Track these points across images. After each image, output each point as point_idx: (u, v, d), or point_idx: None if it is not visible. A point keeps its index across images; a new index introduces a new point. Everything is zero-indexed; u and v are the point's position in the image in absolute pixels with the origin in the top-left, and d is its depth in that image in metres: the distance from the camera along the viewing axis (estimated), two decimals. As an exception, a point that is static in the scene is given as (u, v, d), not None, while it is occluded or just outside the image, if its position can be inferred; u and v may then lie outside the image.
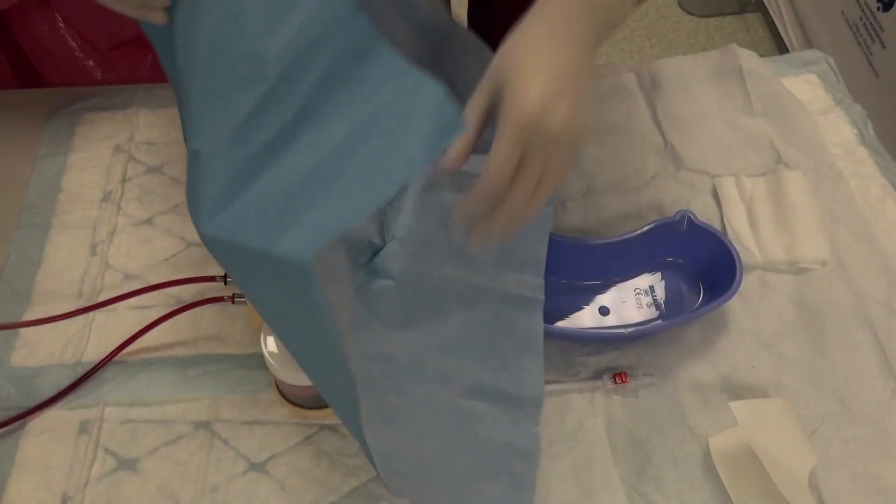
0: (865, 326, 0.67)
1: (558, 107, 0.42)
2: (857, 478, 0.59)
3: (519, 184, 0.43)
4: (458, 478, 0.55)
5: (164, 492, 0.58)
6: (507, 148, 0.42)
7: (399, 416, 0.54)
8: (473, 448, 0.56)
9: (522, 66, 0.43)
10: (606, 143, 0.81)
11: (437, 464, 0.55)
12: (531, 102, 0.42)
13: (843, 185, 0.77)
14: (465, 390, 0.57)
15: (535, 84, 0.42)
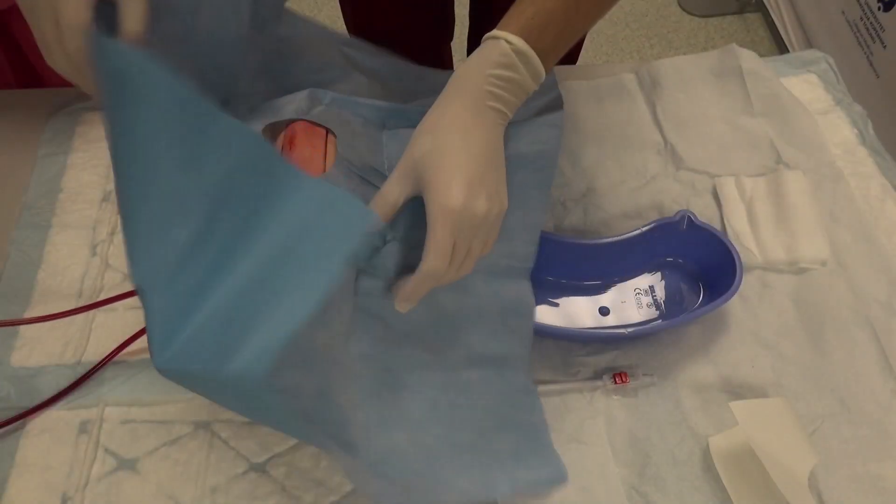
0: (865, 326, 0.67)
1: (477, 202, 0.49)
2: (857, 478, 0.59)
3: (453, 264, 0.50)
4: (467, 449, 0.56)
5: (164, 492, 0.58)
6: (442, 240, 0.48)
7: (393, 416, 0.55)
8: (473, 417, 0.58)
9: (441, 167, 0.49)
10: (606, 143, 0.81)
11: (442, 443, 0.56)
12: (455, 202, 0.48)
13: (843, 185, 0.77)
14: (457, 363, 0.59)
15: (456, 180, 0.49)
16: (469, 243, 0.50)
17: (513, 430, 0.58)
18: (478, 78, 0.52)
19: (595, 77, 0.87)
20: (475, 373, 0.59)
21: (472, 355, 0.59)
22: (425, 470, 0.54)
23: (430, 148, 0.50)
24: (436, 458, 0.55)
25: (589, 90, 0.86)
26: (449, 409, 0.57)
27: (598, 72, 0.88)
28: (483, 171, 0.50)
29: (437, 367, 0.58)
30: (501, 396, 0.59)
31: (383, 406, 0.55)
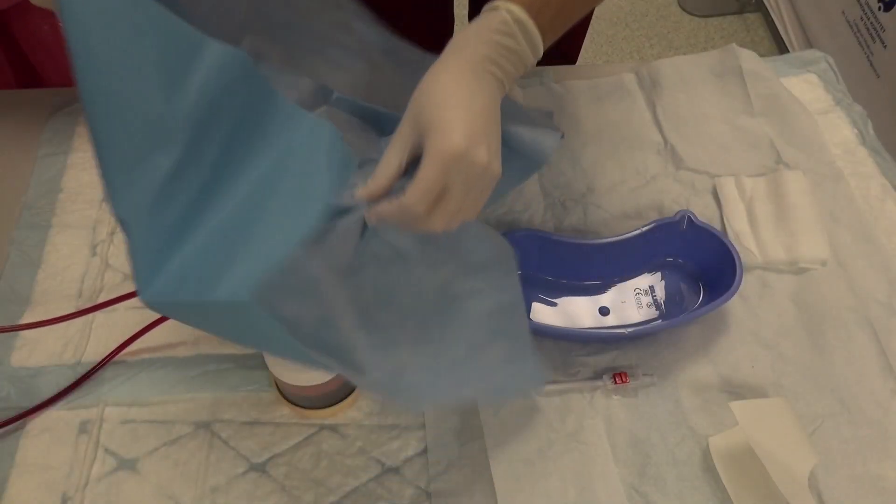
0: (865, 326, 0.67)
1: (479, 149, 0.47)
2: (857, 478, 0.59)
3: (440, 211, 0.48)
4: (462, 363, 0.56)
5: (164, 492, 0.58)
6: (432, 177, 0.47)
7: (393, 336, 0.55)
8: (466, 329, 0.57)
9: (445, 111, 0.48)
10: (606, 143, 0.81)
11: (439, 360, 0.56)
12: (457, 142, 0.46)
13: (843, 185, 0.77)
14: (448, 277, 0.58)
15: (458, 127, 0.47)
16: (464, 194, 0.48)
17: (501, 338, 0.58)
18: (477, 42, 0.51)
19: (595, 77, 0.87)
20: (467, 284, 0.58)
21: (463, 266, 0.58)
22: (427, 383, 0.54)
23: (431, 101, 0.49)
24: (436, 373, 0.55)
25: (589, 90, 0.86)
26: (440, 328, 0.57)
27: (598, 72, 0.88)
28: (485, 126, 0.49)
29: (429, 281, 0.58)
30: (492, 306, 0.58)
31: (381, 328, 0.55)
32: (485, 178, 0.49)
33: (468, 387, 0.55)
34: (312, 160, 0.43)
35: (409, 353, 0.55)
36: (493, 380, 0.56)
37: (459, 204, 0.49)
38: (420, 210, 0.47)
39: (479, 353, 0.57)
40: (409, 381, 0.53)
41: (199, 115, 0.42)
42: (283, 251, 0.41)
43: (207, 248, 0.42)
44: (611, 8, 2.12)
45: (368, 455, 0.60)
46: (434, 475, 0.59)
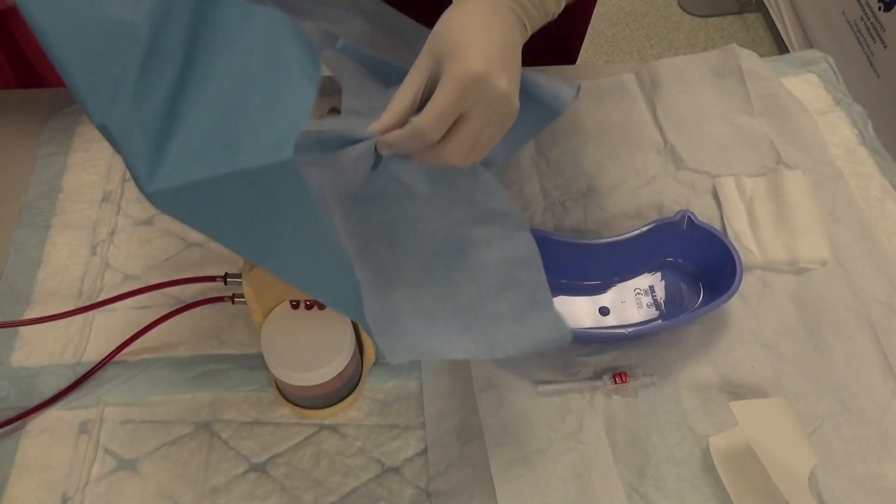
0: (865, 326, 0.67)
1: (500, 76, 0.45)
2: (857, 478, 0.59)
3: (456, 139, 0.46)
4: (467, 310, 0.54)
5: (164, 492, 0.58)
6: (449, 98, 0.44)
7: (390, 275, 0.54)
8: (474, 275, 0.56)
9: (464, 37, 0.46)
10: (606, 143, 0.81)
11: (440, 305, 0.54)
12: (477, 65, 0.44)
13: (843, 185, 0.77)
14: (459, 220, 0.56)
15: (479, 52, 0.45)
16: (483, 122, 0.46)
17: (514, 289, 0.56)
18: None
19: (595, 77, 0.87)
20: (477, 230, 0.57)
21: (474, 212, 0.57)
22: (425, 329, 0.53)
23: (451, 29, 0.47)
24: (434, 320, 0.53)
25: (589, 90, 0.86)
26: (447, 271, 0.55)
27: (598, 72, 0.88)
28: (504, 56, 0.47)
29: (437, 224, 0.56)
30: (503, 255, 0.57)
31: (379, 265, 0.53)
32: (504, 109, 0.47)
33: (470, 336, 0.53)
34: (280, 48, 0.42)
35: (405, 295, 0.53)
36: (503, 331, 0.54)
37: (477, 133, 0.47)
38: (433, 132, 0.45)
39: (486, 302, 0.55)
40: (404, 327, 0.51)
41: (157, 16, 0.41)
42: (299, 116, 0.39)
43: (209, 126, 0.41)
44: (611, 8, 2.12)
45: (368, 455, 0.60)
46: (434, 475, 0.59)
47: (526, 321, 0.55)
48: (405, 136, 0.46)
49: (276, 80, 0.41)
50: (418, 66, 0.48)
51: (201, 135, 0.40)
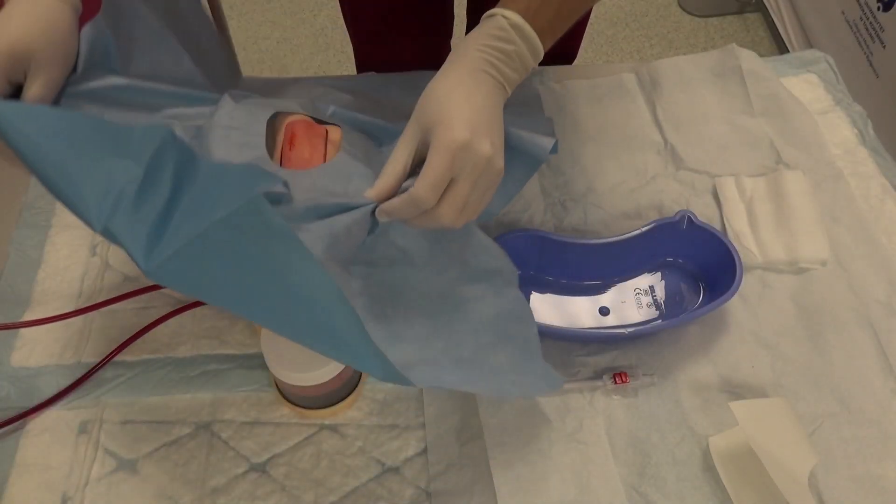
0: (865, 326, 0.67)
1: (482, 141, 0.49)
2: (857, 478, 0.59)
3: (448, 202, 0.50)
4: (470, 363, 0.57)
5: (164, 492, 0.58)
6: (440, 167, 0.48)
7: (400, 331, 0.57)
8: (473, 329, 0.59)
9: (449, 106, 0.50)
10: (606, 143, 0.81)
11: (446, 357, 0.57)
12: (460, 133, 0.49)
13: (843, 185, 0.77)
14: (454, 280, 0.61)
15: (462, 121, 0.49)
16: (471, 185, 0.50)
17: (508, 344, 0.59)
18: (474, 50, 0.53)
19: (595, 77, 0.87)
20: (471, 289, 0.61)
21: (468, 271, 0.61)
22: (434, 380, 0.55)
23: (434, 100, 0.51)
24: (442, 369, 0.56)
25: (589, 90, 0.86)
26: (448, 326, 0.59)
27: (598, 72, 0.88)
28: (488, 123, 0.51)
29: (435, 283, 0.60)
30: (496, 311, 0.61)
31: (388, 323, 0.57)
32: (490, 171, 0.51)
33: (474, 384, 0.56)
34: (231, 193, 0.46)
35: (415, 348, 0.56)
36: (506, 380, 0.57)
37: (466, 195, 0.50)
38: (429, 200, 0.49)
39: (486, 355, 0.58)
40: (415, 377, 0.53)
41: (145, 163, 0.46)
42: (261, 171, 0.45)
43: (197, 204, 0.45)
44: (611, 8, 2.12)
45: (368, 455, 0.60)
46: (434, 475, 0.59)
47: (522, 371, 0.58)
48: (402, 204, 0.50)
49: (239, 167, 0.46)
50: (406, 134, 0.52)
51: (189, 212, 0.44)
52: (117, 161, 0.45)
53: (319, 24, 2.06)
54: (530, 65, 0.55)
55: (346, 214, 0.53)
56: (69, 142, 0.44)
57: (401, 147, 0.52)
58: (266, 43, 2.02)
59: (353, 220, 0.53)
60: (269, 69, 1.96)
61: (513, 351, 0.59)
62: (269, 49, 2.01)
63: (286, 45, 2.02)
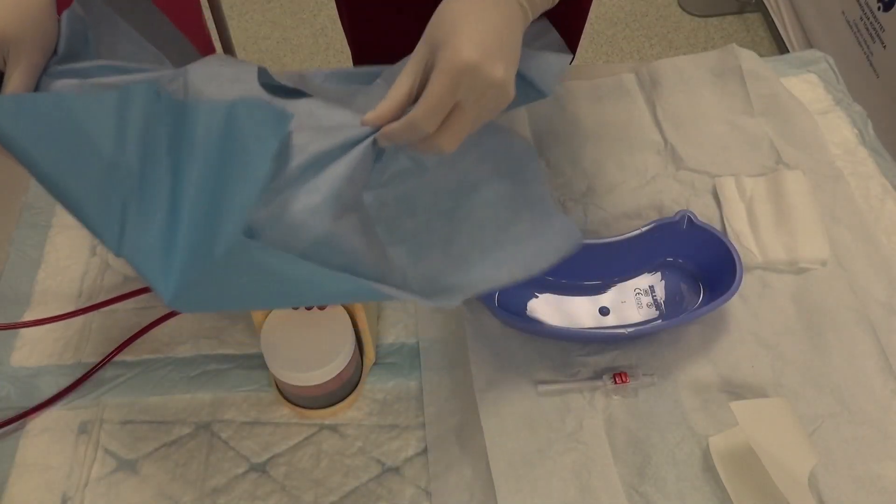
0: (865, 326, 0.67)
1: (495, 64, 0.45)
2: (857, 478, 0.59)
3: (449, 128, 0.46)
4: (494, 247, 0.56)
5: (164, 492, 0.58)
6: (441, 90, 0.44)
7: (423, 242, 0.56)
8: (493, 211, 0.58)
9: (458, 25, 0.45)
10: (606, 143, 0.81)
11: (471, 251, 0.56)
12: (469, 54, 0.44)
13: (843, 185, 0.77)
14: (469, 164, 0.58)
15: (472, 40, 0.44)
16: (476, 112, 0.46)
17: (525, 209, 0.58)
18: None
19: (595, 77, 0.87)
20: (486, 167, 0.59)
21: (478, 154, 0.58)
22: (466, 275, 0.55)
23: (445, 19, 0.47)
24: (472, 263, 0.55)
25: (589, 90, 0.86)
26: (468, 216, 0.58)
27: (598, 72, 0.88)
28: (502, 44, 0.46)
29: (451, 176, 0.58)
30: (511, 180, 0.59)
31: (411, 238, 0.56)
32: (498, 98, 0.47)
33: (503, 268, 0.55)
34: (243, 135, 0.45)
35: (440, 253, 0.55)
36: (527, 252, 0.56)
37: (470, 123, 0.47)
38: (427, 125, 0.45)
39: (506, 232, 0.57)
40: (446, 281, 0.53)
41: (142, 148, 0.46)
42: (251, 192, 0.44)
43: (195, 227, 0.45)
44: (611, 8, 2.12)
45: (368, 455, 0.60)
46: (434, 475, 0.59)
47: (543, 234, 0.57)
48: (401, 128, 0.46)
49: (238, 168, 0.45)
50: (415, 55, 0.48)
51: (191, 239, 0.45)
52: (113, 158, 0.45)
53: (319, 24, 2.06)
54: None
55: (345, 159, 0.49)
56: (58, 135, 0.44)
57: (407, 68, 0.48)
58: (266, 43, 2.02)
59: (354, 162, 0.49)
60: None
61: (530, 215, 0.58)
62: (269, 49, 2.01)
63: (286, 45, 2.02)
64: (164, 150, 0.47)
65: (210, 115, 0.46)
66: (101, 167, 0.45)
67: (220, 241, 0.43)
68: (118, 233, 0.46)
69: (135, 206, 0.46)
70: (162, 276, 0.45)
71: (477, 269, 0.55)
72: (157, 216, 0.46)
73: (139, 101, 0.46)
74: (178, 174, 0.47)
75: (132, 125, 0.46)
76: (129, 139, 0.46)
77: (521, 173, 0.60)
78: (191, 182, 0.46)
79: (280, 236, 0.47)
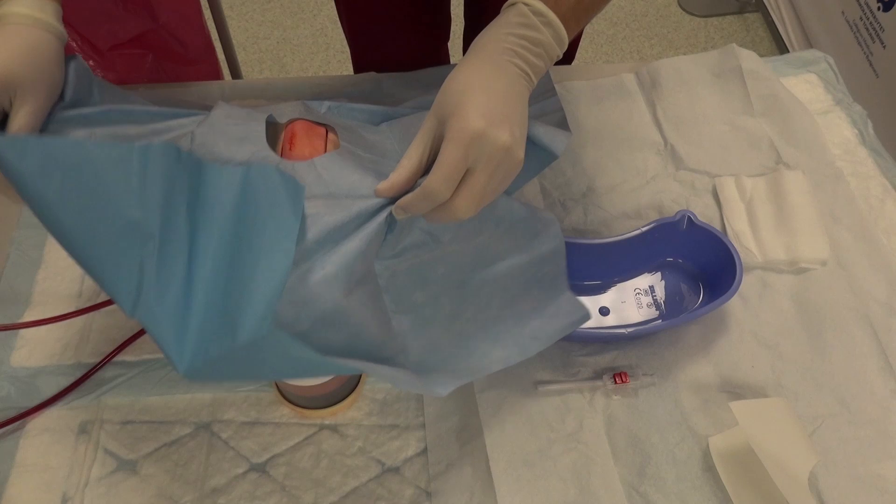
0: (865, 326, 0.67)
1: (500, 130, 0.47)
2: (857, 478, 0.59)
3: (464, 194, 0.48)
4: (496, 321, 0.57)
5: (163, 492, 0.58)
6: (453, 158, 0.47)
7: (427, 315, 0.56)
8: (503, 283, 0.58)
9: (467, 96, 0.48)
10: (606, 143, 0.81)
11: (474, 324, 0.57)
12: (476, 121, 0.46)
13: (843, 185, 0.77)
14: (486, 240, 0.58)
15: (479, 109, 0.47)
16: (488, 176, 0.48)
17: (535, 286, 0.58)
18: (497, 38, 0.51)
19: (595, 77, 0.87)
20: (504, 243, 0.59)
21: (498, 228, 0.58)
22: (463, 353, 0.55)
23: (452, 90, 0.49)
24: (470, 339, 0.56)
25: (589, 90, 0.86)
26: (477, 290, 0.58)
27: (598, 72, 0.88)
28: (505, 110, 0.48)
29: (466, 251, 0.58)
30: (529, 257, 0.59)
31: (417, 310, 0.56)
32: (508, 162, 0.48)
33: (501, 346, 0.55)
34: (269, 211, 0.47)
35: (442, 329, 0.56)
36: (528, 331, 0.56)
37: (483, 187, 0.48)
38: (442, 193, 0.47)
39: (513, 307, 0.58)
40: (442, 356, 0.53)
41: (161, 207, 0.46)
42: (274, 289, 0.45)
43: (214, 300, 0.46)
44: (611, 8, 2.12)
45: (368, 455, 0.60)
46: (434, 475, 0.59)
47: (546, 313, 0.57)
48: (417, 199, 0.48)
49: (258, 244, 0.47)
50: (425, 127, 0.50)
51: (209, 312, 0.46)
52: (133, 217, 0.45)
53: (319, 24, 2.06)
54: (555, 52, 0.53)
55: (360, 234, 0.51)
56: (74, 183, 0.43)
57: (417, 140, 0.50)
58: (266, 43, 2.02)
59: (369, 237, 0.51)
60: (269, 69, 1.96)
61: (539, 292, 0.58)
62: (269, 49, 2.01)
63: (286, 45, 2.02)
64: (184, 217, 0.47)
65: (227, 181, 0.47)
66: (121, 225, 0.44)
67: (245, 326, 0.44)
68: (134, 295, 0.45)
69: (152, 271, 0.45)
70: (177, 347, 0.45)
71: (475, 344, 0.55)
72: (175, 284, 0.46)
73: (160, 161, 0.46)
74: (196, 242, 0.47)
75: (153, 185, 0.45)
76: (150, 199, 0.45)
77: (539, 249, 0.59)
78: (208, 253, 0.47)
79: (292, 309, 0.47)
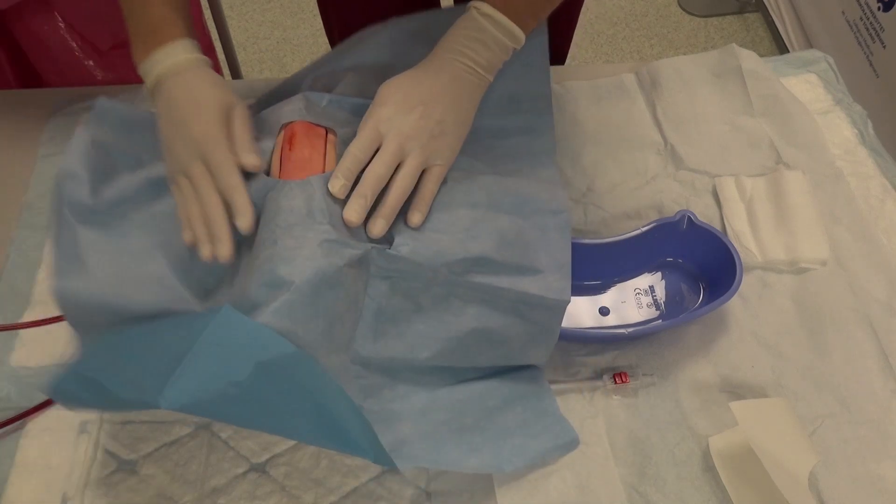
0: (865, 326, 0.67)
1: (410, 113, 0.56)
2: (857, 478, 0.59)
3: (384, 160, 0.55)
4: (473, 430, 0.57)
5: (164, 493, 0.58)
6: (362, 139, 0.55)
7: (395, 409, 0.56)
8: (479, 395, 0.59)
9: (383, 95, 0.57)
10: (606, 142, 0.81)
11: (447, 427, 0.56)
12: (382, 111, 0.56)
13: (843, 185, 0.77)
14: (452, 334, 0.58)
15: (390, 95, 0.57)
16: (399, 148, 0.55)
17: (517, 402, 0.58)
18: (442, 45, 0.59)
19: (595, 77, 0.87)
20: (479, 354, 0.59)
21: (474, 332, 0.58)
22: (433, 455, 0.55)
23: (386, 84, 0.58)
24: (442, 444, 0.55)
25: (589, 90, 0.86)
26: (450, 395, 0.58)
27: (598, 72, 0.88)
28: (428, 98, 0.56)
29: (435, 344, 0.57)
30: (504, 370, 0.59)
31: (384, 402, 0.56)
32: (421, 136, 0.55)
33: (477, 455, 0.56)
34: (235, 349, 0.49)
35: (411, 424, 0.56)
36: (509, 445, 0.56)
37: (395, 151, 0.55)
38: (358, 163, 0.54)
39: (492, 420, 0.57)
40: (411, 452, 0.54)
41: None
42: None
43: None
44: (611, 8, 2.12)
45: (368, 455, 0.60)
46: (434, 475, 0.59)
47: (531, 431, 0.58)
48: (345, 163, 0.54)
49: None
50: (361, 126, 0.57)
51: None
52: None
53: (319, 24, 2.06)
54: (508, 46, 0.59)
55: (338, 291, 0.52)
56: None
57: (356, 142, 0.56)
58: (266, 43, 2.02)
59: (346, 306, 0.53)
60: (269, 69, 1.96)
61: (524, 409, 0.58)
62: (269, 49, 2.01)
63: (286, 45, 2.02)
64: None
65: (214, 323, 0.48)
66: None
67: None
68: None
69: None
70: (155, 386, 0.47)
71: (448, 448, 0.55)
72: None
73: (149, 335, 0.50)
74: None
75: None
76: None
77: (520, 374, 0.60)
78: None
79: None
